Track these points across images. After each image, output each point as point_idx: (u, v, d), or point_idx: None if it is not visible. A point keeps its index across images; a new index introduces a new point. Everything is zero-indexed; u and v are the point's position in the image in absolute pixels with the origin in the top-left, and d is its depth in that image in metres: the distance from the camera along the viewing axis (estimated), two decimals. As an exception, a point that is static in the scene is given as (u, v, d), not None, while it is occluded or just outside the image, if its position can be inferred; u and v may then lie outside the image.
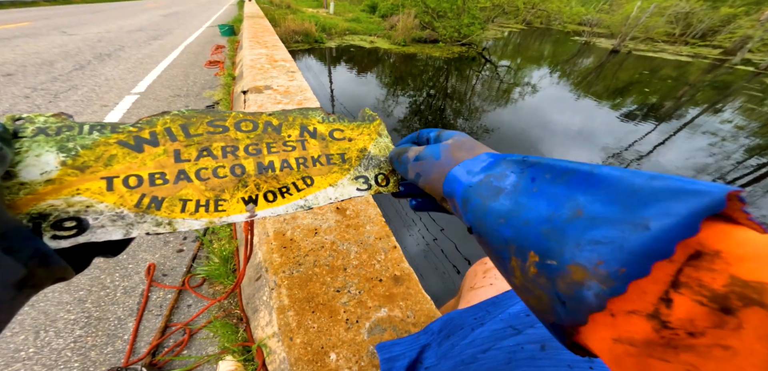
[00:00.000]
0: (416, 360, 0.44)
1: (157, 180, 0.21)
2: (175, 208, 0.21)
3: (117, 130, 0.22)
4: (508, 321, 0.38)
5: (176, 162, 0.22)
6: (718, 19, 17.56)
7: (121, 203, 0.20)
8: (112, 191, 0.20)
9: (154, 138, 0.23)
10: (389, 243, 0.75)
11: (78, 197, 0.19)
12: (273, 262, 0.68)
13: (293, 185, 0.24)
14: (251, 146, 0.25)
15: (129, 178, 0.21)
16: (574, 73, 9.41)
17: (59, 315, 1.03)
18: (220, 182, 0.22)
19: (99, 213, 0.19)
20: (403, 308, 0.61)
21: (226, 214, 0.22)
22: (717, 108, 7.33)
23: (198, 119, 0.25)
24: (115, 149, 0.21)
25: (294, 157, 0.25)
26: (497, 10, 13.14)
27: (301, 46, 8.47)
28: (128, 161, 0.21)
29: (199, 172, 0.22)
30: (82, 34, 5.47)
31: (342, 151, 0.27)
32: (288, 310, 0.59)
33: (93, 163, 0.21)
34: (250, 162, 0.24)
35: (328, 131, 0.28)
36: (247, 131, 0.25)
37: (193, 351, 0.97)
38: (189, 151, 0.23)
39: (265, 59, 2.44)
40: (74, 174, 0.20)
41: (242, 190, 0.23)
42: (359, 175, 0.27)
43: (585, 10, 20.09)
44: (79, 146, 0.21)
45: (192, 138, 0.24)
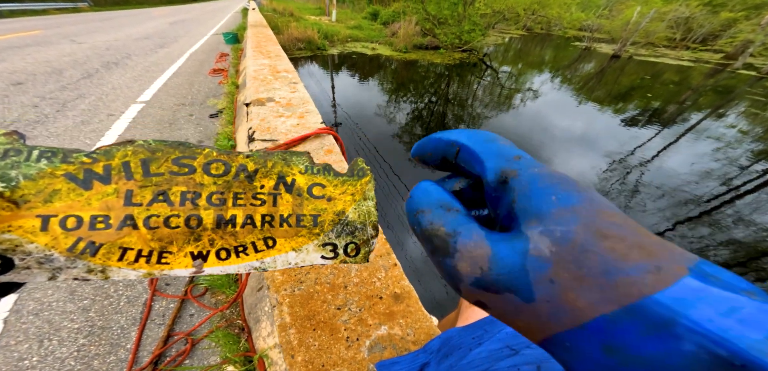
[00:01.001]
0: None
1: (99, 224, 0.19)
2: (112, 256, 0.19)
3: (68, 160, 0.20)
4: (506, 340, 0.38)
5: (125, 205, 0.20)
6: (718, 24, 17.56)
7: (53, 246, 0.18)
8: (46, 231, 0.18)
9: (108, 174, 0.20)
10: (389, 261, 0.75)
11: (8, 235, 0.18)
12: (275, 280, 0.68)
13: (251, 245, 0.22)
14: (216, 195, 0.22)
15: (67, 219, 0.19)
16: (575, 79, 9.43)
17: (63, 324, 1.04)
18: (169, 234, 0.20)
19: (27, 254, 0.18)
20: (404, 326, 0.61)
21: (168, 267, 0.20)
22: (720, 113, 7.30)
23: (164, 155, 0.22)
24: (61, 182, 0.19)
25: (260, 213, 0.23)
26: (498, 16, 13.24)
27: (303, 53, 8.58)
28: (71, 199, 0.19)
29: (149, 219, 0.20)
30: (91, 43, 5.58)
31: (317, 212, 0.24)
32: (289, 328, 0.59)
33: (32, 197, 0.18)
34: (210, 214, 0.21)
35: (306, 186, 0.25)
36: (217, 175, 0.22)
37: (195, 361, 0.97)
38: (143, 193, 0.20)
39: (267, 70, 2.47)
40: (9, 209, 0.18)
41: (193, 244, 0.20)
42: (328, 242, 0.24)
43: (585, 15, 20.19)
44: (21, 176, 0.19)
45: (151, 178, 0.21)
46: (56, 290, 1.13)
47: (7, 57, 4.23)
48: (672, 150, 4.99)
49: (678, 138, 5.51)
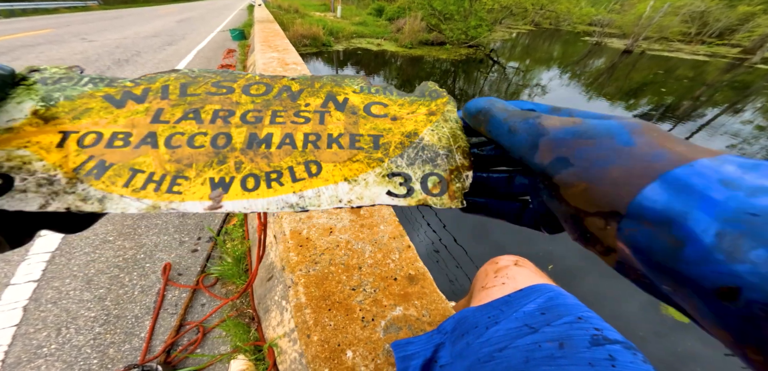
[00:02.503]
0: (431, 359, 0.44)
1: (117, 141, 0.18)
2: (118, 180, 0.17)
3: (112, 84, 0.20)
4: (524, 319, 0.37)
5: (151, 122, 0.18)
6: (735, 18, 17.02)
7: (60, 165, 0.17)
8: (62, 148, 0.17)
9: (144, 95, 0.19)
10: (403, 243, 0.75)
11: (22, 150, 0.17)
12: (290, 260, 0.69)
13: (288, 171, 0.17)
14: (252, 113, 0.19)
15: (87, 135, 0.18)
16: (585, 74, 9.26)
17: (80, 312, 1.06)
18: (190, 154, 0.17)
19: (30, 173, 0.16)
20: (419, 307, 0.61)
21: (179, 198, 0.16)
22: (737, 108, 7.09)
23: (204, 79, 0.20)
24: (96, 102, 0.19)
25: (303, 131, 0.18)
26: (505, 11, 13.06)
27: (309, 49, 8.59)
28: (100, 117, 0.18)
29: (172, 138, 0.18)
30: (101, 41, 5.68)
31: (377, 132, 0.19)
32: (305, 308, 0.59)
33: (63, 114, 0.18)
34: (242, 132, 0.18)
35: (363, 104, 0.20)
36: (256, 95, 0.20)
37: (206, 350, 0.99)
38: (173, 111, 0.19)
39: (276, 63, 2.48)
40: (36, 125, 0.17)
41: (215, 168, 0.17)
42: (396, 171, 0.18)
43: (595, 10, 19.77)
44: (63, 97, 0.19)
45: (185, 97, 0.19)
46: (74, 279, 1.16)
47: (21, 55, 4.33)
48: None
49: (692, 135, 5.37)
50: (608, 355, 0.29)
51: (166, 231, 1.41)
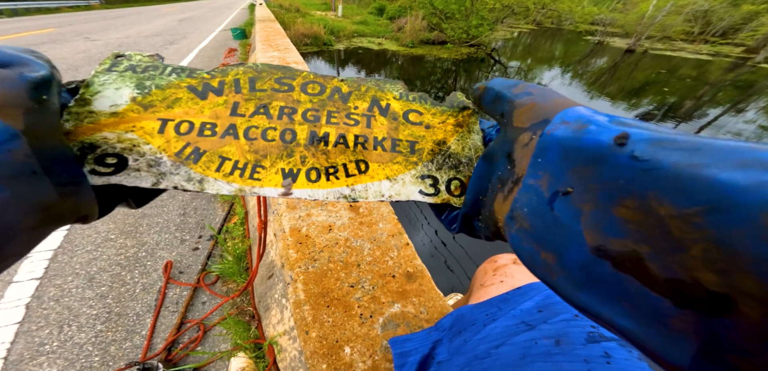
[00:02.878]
0: (428, 356, 0.44)
1: (206, 131, 0.20)
2: (211, 165, 0.19)
3: (193, 75, 0.22)
4: (521, 317, 0.38)
5: (231, 115, 0.21)
6: (739, 17, 16.90)
7: (164, 149, 0.19)
8: (162, 134, 0.20)
9: (221, 87, 0.22)
10: (402, 241, 0.76)
11: (130, 134, 0.19)
12: (289, 257, 0.69)
13: (343, 168, 0.21)
14: (311, 111, 0.22)
15: (182, 124, 0.20)
16: (587, 74, 9.22)
17: (82, 310, 1.07)
18: (265, 146, 0.21)
19: (141, 155, 0.19)
20: (417, 304, 0.61)
21: (259, 184, 0.20)
22: (739, 108, 7.04)
23: (268, 75, 0.23)
24: (183, 92, 0.21)
25: (354, 133, 0.22)
26: (506, 10, 13.01)
27: (310, 48, 8.59)
28: (188, 106, 0.21)
29: (249, 131, 0.21)
30: (104, 40, 5.70)
31: (414, 138, 0.22)
32: (304, 304, 0.60)
33: (158, 103, 0.21)
34: (304, 129, 0.21)
35: (402, 111, 0.23)
36: (312, 94, 0.23)
37: (206, 348, 0.99)
38: (247, 105, 0.22)
39: (277, 62, 2.48)
40: (137, 110, 0.20)
41: (285, 160, 0.20)
42: (427, 174, 0.21)
43: (597, 9, 19.67)
44: (154, 85, 0.21)
45: (255, 92, 0.22)
46: (76, 277, 1.17)
47: (25, 54, 4.35)
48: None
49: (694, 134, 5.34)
50: (604, 352, 0.30)
51: (167, 229, 1.42)
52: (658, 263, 0.10)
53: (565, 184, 0.13)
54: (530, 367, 0.31)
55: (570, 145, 0.13)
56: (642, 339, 0.10)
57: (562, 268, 0.12)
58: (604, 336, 0.31)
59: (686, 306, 0.09)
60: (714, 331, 0.09)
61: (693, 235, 0.09)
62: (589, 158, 0.12)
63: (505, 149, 0.17)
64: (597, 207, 0.11)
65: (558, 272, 0.12)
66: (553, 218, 0.13)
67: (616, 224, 0.11)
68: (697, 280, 0.09)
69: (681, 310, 0.09)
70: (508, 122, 0.17)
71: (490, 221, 0.17)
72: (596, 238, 0.11)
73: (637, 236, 0.10)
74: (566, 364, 0.30)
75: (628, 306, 0.10)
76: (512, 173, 0.16)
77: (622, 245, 0.10)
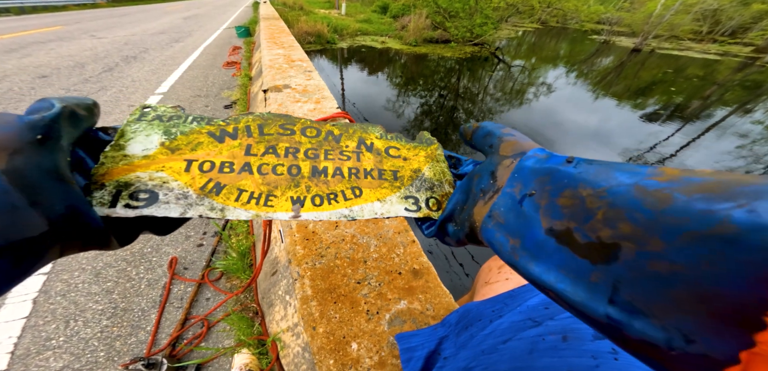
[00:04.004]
0: (434, 351, 0.44)
1: (225, 168, 0.24)
2: (231, 196, 0.23)
3: (211, 123, 0.26)
4: (528, 313, 0.38)
5: (245, 155, 0.25)
6: (749, 16, 16.64)
7: (190, 184, 0.22)
8: (188, 172, 0.23)
9: (235, 132, 0.26)
10: (408, 238, 0.75)
11: (160, 173, 0.22)
12: (296, 253, 0.69)
13: (341, 194, 0.25)
14: (311, 150, 0.27)
15: (204, 163, 0.24)
16: (593, 73, 9.13)
17: (88, 305, 1.07)
18: (275, 179, 0.24)
19: (170, 190, 0.22)
20: (423, 301, 0.61)
21: (272, 210, 0.23)
22: (747, 108, 6.95)
23: (273, 121, 0.28)
24: (204, 137, 0.25)
25: (347, 166, 0.26)
26: (511, 9, 12.92)
27: (313, 46, 8.60)
28: (209, 149, 0.24)
29: (261, 167, 0.25)
30: (110, 38, 5.75)
31: (395, 168, 0.28)
32: (311, 300, 0.60)
33: (183, 146, 0.24)
34: (306, 165, 0.26)
35: (384, 148, 0.29)
36: (311, 136, 0.28)
37: (210, 343, 0.99)
38: (258, 147, 0.26)
39: (282, 59, 2.48)
40: (165, 153, 0.23)
41: (293, 189, 0.24)
42: (409, 195, 0.26)
43: (604, 8, 19.48)
44: (179, 132, 0.25)
45: (264, 136, 0.26)
46: (82, 272, 1.18)
47: (33, 52, 4.40)
48: (693, 147, 4.79)
49: (700, 135, 5.27)
50: (611, 348, 0.29)
51: (172, 226, 1.43)
52: (580, 233, 0.14)
53: (531, 188, 0.18)
54: (538, 362, 0.31)
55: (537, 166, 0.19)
56: (574, 299, 0.14)
57: (523, 248, 0.17)
58: None
59: (597, 261, 0.13)
60: (615, 275, 0.12)
61: (598, 203, 0.14)
62: (547, 171, 0.18)
63: (489, 169, 0.23)
64: (549, 201, 0.17)
65: (520, 252, 0.17)
66: (521, 212, 0.18)
67: (558, 210, 0.16)
68: (599, 238, 0.13)
69: (595, 265, 0.13)
70: (495, 150, 0.24)
71: (467, 223, 0.22)
72: (547, 222, 0.16)
73: (568, 215, 0.15)
74: (574, 359, 0.30)
75: (565, 271, 0.14)
76: (494, 186, 0.21)
77: (561, 224, 0.15)
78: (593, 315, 0.13)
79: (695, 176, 0.12)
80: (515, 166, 0.20)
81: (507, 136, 0.24)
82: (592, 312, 0.13)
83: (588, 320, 0.14)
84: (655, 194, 0.12)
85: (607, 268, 0.13)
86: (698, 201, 0.11)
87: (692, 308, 0.10)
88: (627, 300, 0.12)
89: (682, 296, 0.11)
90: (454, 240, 0.24)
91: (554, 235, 0.15)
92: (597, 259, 0.13)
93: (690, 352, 0.10)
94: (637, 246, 0.12)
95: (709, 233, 0.10)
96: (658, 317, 0.11)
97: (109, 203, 0.20)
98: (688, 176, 0.13)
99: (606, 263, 0.13)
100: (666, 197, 0.12)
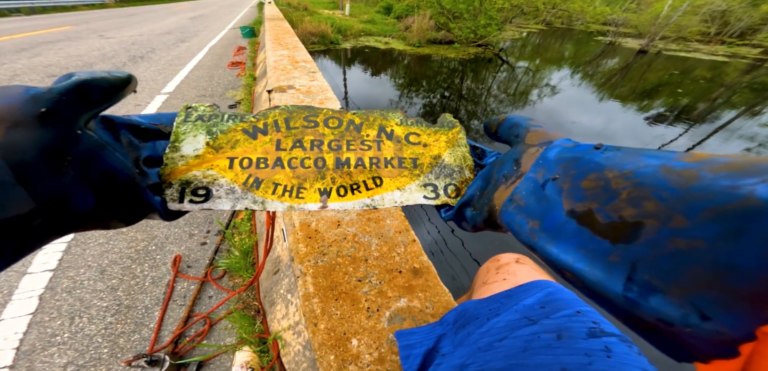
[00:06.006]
0: (433, 349, 0.44)
1: (261, 164, 0.25)
2: (268, 190, 0.25)
3: (244, 120, 0.27)
4: (524, 312, 0.38)
5: (277, 150, 0.26)
6: (758, 17, 16.39)
7: (235, 180, 0.24)
8: (232, 169, 0.25)
9: (265, 128, 0.27)
10: (409, 237, 0.75)
11: (211, 171, 0.24)
12: (299, 251, 0.70)
13: (363, 184, 0.26)
14: (334, 142, 0.27)
15: (243, 160, 0.25)
16: (598, 75, 9.05)
17: (93, 302, 1.09)
18: (304, 172, 0.26)
19: (220, 186, 0.24)
20: (423, 299, 0.61)
21: (303, 201, 0.25)
22: (755, 111, 6.84)
23: (297, 114, 0.29)
24: (240, 135, 0.26)
25: (368, 156, 0.27)
26: (515, 10, 12.88)
27: (317, 47, 8.64)
28: (245, 146, 0.26)
29: (291, 161, 0.26)
30: (118, 38, 5.82)
31: (415, 156, 0.28)
32: (313, 297, 0.60)
33: (224, 145, 0.26)
34: (331, 157, 0.27)
35: (404, 135, 0.29)
36: (333, 128, 0.28)
37: (212, 341, 1.00)
38: (287, 141, 0.27)
39: (287, 60, 2.50)
40: (212, 153, 0.25)
41: (320, 181, 0.26)
42: (428, 182, 0.27)
43: (610, 9, 19.31)
44: (219, 131, 0.26)
45: (291, 130, 0.28)
46: (88, 269, 1.19)
47: (42, 51, 4.47)
48: (699, 150, 4.72)
49: (706, 137, 5.20)
50: (604, 346, 0.30)
51: (176, 224, 1.44)
52: (601, 213, 0.15)
53: (554, 173, 0.18)
54: (532, 359, 0.32)
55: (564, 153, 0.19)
56: (590, 279, 0.14)
57: (543, 229, 0.17)
58: (604, 332, 0.32)
59: (618, 241, 0.14)
60: (634, 255, 0.13)
61: (624, 184, 0.14)
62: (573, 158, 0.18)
63: (513, 157, 0.23)
64: (572, 185, 0.17)
65: (539, 233, 0.17)
66: (543, 195, 0.18)
67: (581, 192, 0.16)
68: (622, 217, 0.14)
69: (614, 245, 0.14)
70: (521, 139, 0.24)
71: (486, 208, 0.23)
72: (569, 204, 0.16)
73: (591, 197, 0.16)
74: (567, 357, 0.30)
75: (584, 252, 0.15)
76: (517, 171, 0.22)
77: (583, 206, 0.16)
78: (609, 294, 0.13)
79: (722, 157, 0.12)
80: (540, 153, 0.21)
81: (534, 127, 0.24)
82: (609, 291, 0.13)
83: (603, 300, 0.14)
84: (683, 173, 0.13)
85: (627, 247, 0.13)
86: (724, 178, 0.11)
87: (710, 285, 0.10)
88: (645, 279, 0.12)
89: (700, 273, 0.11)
90: (471, 225, 0.24)
91: (575, 216, 0.16)
92: (617, 238, 0.14)
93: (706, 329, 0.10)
94: (660, 224, 0.12)
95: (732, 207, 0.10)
96: (675, 294, 0.11)
97: (178, 199, 0.23)
98: (715, 157, 0.13)
99: (626, 242, 0.13)
100: (693, 175, 0.12)
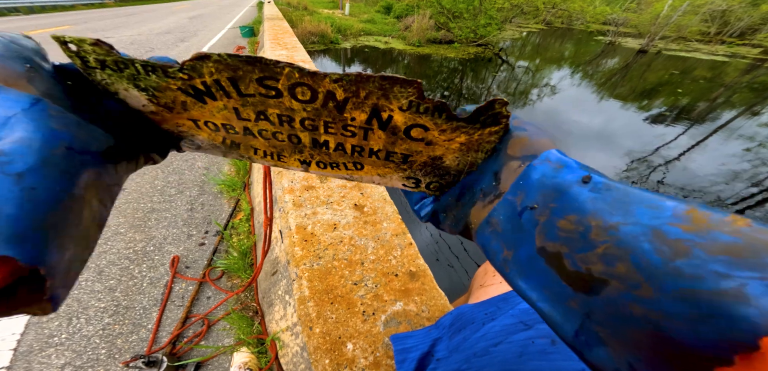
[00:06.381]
0: (428, 353, 0.44)
1: (230, 130, 0.23)
2: (250, 150, 0.24)
3: (168, 74, 0.19)
4: (519, 316, 0.38)
5: (239, 119, 0.22)
6: (758, 17, 16.39)
7: (213, 139, 0.23)
8: (201, 129, 0.23)
9: (208, 89, 0.20)
10: (405, 240, 0.76)
11: (183, 128, 0.22)
12: (295, 254, 0.70)
13: (343, 165, 0.25)
14: (307, 120, 0.21)
15: (208, 122, 0.22)
16: (598, 74, 9.05)
17: (91, 302, 1.09)
18: (279, 144, 0.24)
19: (202, 140, 0.24)
20: (418, 303, 0.62)
21: (285, 165, 0.26)
22: (755, 111, 6.84)
23: (245, 74, 0.19)
24: (182, 96, 0.20)
25: (351, 143, 0.22)
26: (515, 10, 12.87)
27: (317, 46, 8.63)
28: (199, 109, 0.21)
29: (262, 132, 0.23)
30: (117, 37, 5.81)
31: (409, 152, 0.22)
32: (308, 301, 0.60)
33: (172, 104, 0.21)
34: (306, 136, 0.23)
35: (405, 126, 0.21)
36: (304, 101, 0.20)
37: (210, 342, 1.00)
38: (247, 111, 0.21)
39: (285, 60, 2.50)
40: (166, 112, 0.21)
41: (298, 154, 0.25)
42: (412, 176, 0.24)
43: (610, 9, 19.30)
44: (151, 86, 0.20)
45: (246, 98, 0.21)
46: (86, 270, 1.19)
47: (41, 50, 4.46)
48: (699, 150, 4.72)
49: (706, 137, 5.20)
50: None
51: (175, 224, 1.44)
52: (570, 260, 0.14)
53: (533, 202, 0.17)
54: (527, 365, 0.32)
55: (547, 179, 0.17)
56: (551, 318, 0.15)
57: (515, 261, 0.17)
58: None
59: (579, 290, 0.13)
60: (590, 307, 0.13)
61: (604, 238, 0.13)
62: (556, 189, 0.16)
63: (493, 169, 0.20)
64: (548, 219, 0.16)
65: (511, 264, 0.17)
66: (520, 224, 0.17)
67: (555, 231, 0.15)
68: (589, 271, 0.13)
69: (575, 293, 0.14)
70: (502, 148, 0.20)
71: (462, 222, 0.22)
72: (541, 240, 0.15)
73: (564, 239, 0.15)
74: (561, 363, 0.30)
75: (547, 292, 0.15)
76: (495, 189, 0.19)
77: (553, 246, 0.15)
78: (563, 335, 0.14)
79: (727, 235, 0.11)
80: (522, 171, 0.18)
81: (517, 131, 0.20)
82: (563, 332, 0.14)
83: (559, 335, 0.15)
84: (674, 245, 0.12)
85: (586, 298, 0.13)
86: (718, 263, 0.10)
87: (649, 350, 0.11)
88: (594, 330, 0.13)
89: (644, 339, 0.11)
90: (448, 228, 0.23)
91: (545, 255, 0.15)
92: (579, 288, 0.14)
93: None
94: (625, 288, 0.12)
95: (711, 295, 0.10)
96: (616, 349, 0.12)
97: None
98: (719, 231, 0.11)
99: (586, 293, 0.13)
100: (684, 250, 0.11)
